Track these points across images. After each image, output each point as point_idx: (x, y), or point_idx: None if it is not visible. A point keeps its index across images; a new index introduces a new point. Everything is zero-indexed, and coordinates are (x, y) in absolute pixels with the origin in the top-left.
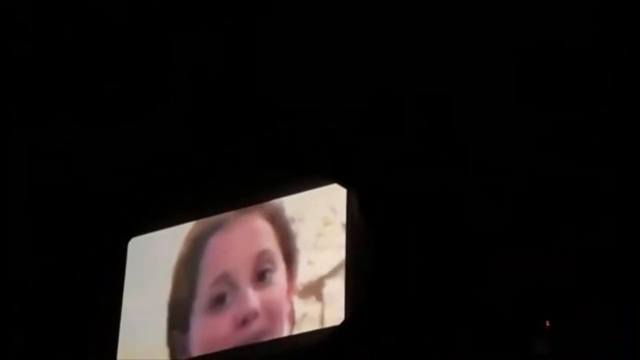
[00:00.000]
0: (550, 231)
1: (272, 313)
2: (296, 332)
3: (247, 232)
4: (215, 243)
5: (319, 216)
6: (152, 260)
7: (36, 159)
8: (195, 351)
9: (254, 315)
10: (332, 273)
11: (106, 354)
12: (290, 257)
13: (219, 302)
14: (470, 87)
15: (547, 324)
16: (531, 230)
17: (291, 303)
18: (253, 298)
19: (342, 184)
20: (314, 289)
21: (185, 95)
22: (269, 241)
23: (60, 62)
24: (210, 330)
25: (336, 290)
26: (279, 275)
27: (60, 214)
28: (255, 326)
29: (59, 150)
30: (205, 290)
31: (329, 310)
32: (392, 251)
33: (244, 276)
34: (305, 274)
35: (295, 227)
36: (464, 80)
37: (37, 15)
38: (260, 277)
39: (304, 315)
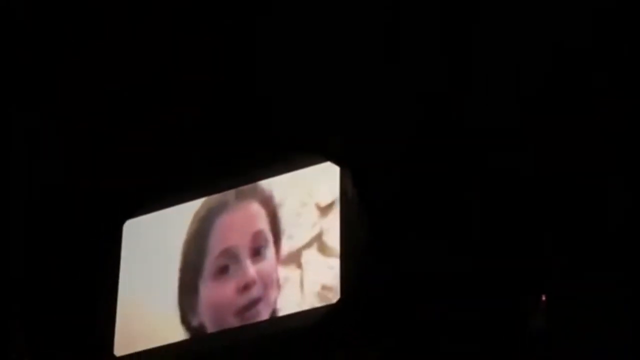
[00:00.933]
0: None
1: (265, 281)
2: (282, 295)
3: (246, 215)
4: (221, 223)
5: (298, 199)
6: (149, 239)
7: (35, 158)
8: (204, 312)
9: (253, 282)
10: (308, 245)
11: (104, 336)
12: (277, 235)
13: (223, 271)
14: (468, 84)
15: (544, 298)
16: (527, 210)
17: (277, 271)
18: (251, 269)
19: (336, 162)
20: (294, 258)
21: (186, 94)
22: (262, 222)
23: (60, 62)
24: (216, 294)
25: (311, 258)
26: (270, 250)
27: (58, 203)
28: (254, 292)
29: (58, 148)
30: (211, 261)
31: (307, 275)
32: (386, 228)
33: (243, 251)
34: (287, 246)
35: (281, 210)
36: (463, 77)
37: (37, 15)
38: (257, 252)
39: (287, 279)
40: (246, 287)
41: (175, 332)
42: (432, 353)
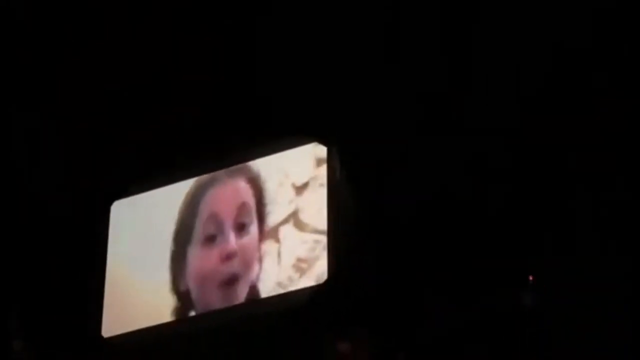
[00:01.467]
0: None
1: (246, 255)
2: (261, 266)
3: (234, 189)
4: (211, 193)
5: (279, 178)
6: (137, 220)
7: (35, 158)
8: (190, 277)
9: (234, 254)
10: (285, 221)
11: (93, 311)
12: (261, 212)
13: (210, 240)
14: (468, 84)
15: (531, 278)
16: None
17: (259, 246)
18: (234, 241)
19: (323, 142)
20: (273, 233)
21: (186, 94)
22: (248, 198)
23: (60, 62)
24: (202, 261)
25: (288, 233)
26: (254, 227)
27: (58, 203)
28: (235, 263)
29: (58, 148)
30: (200, 228)
31: (284, 248)
32: (386, 227)
33: (228, 221)
34: (267, 222)
35: (265, 189)
36: (463, 77)
37: (37, 15)
38: (241, 227)
39: (266, 253)
40: (228, 257)
41: (163, 300)
42: (416, 310)
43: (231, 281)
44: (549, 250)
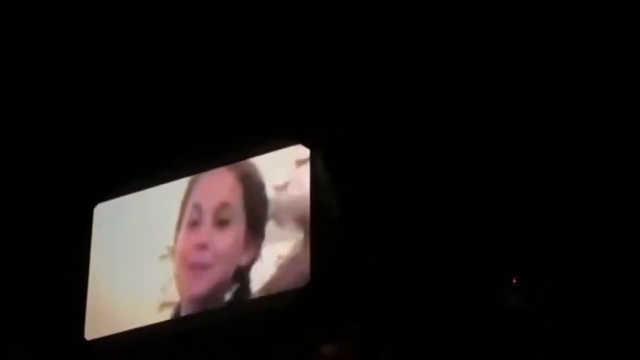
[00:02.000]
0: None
1: (221, 251)
2: (241, 260)
3: (224, 183)
4: (201, 183)
5: (261, 179)
6: (122, 220)
7: (35, 158)
8: (176, 257)
9: (206, 246)
10: (266, 219)
11: (75, 313)
12: (244, 211)
13: (195, 224)
14: (468, 84)
15: (515, 280)
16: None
17: (240, 244)
18: (209, 234)
19: (306, 144)
20: (255, 231)
21: (186, 94)
22: (232, 196)
23: (60, 62)
24: (184, 242)
25: (269, 231)
26: (235, 224)
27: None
28: (207, 254)
29: (58, 148)
30: (188, 211)
31: (265, 245)
32: (384, 228)
33: (208, 213)
34: (249, 221)
35: (249, 187)
36: (463, 77)
37: (37, 15)
38: (220, 223)
39: (246, 251)
40: (203, 247)
41: (147, 301)
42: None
43: (200, 267)
44: (549, 250)
